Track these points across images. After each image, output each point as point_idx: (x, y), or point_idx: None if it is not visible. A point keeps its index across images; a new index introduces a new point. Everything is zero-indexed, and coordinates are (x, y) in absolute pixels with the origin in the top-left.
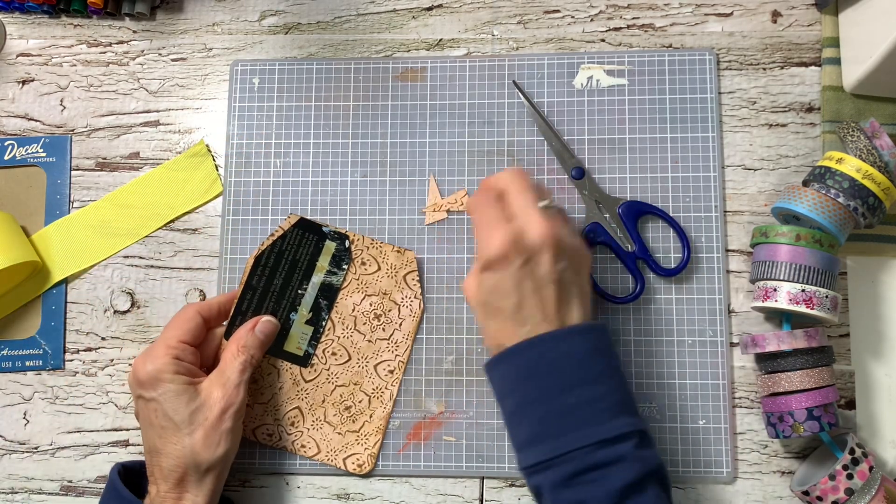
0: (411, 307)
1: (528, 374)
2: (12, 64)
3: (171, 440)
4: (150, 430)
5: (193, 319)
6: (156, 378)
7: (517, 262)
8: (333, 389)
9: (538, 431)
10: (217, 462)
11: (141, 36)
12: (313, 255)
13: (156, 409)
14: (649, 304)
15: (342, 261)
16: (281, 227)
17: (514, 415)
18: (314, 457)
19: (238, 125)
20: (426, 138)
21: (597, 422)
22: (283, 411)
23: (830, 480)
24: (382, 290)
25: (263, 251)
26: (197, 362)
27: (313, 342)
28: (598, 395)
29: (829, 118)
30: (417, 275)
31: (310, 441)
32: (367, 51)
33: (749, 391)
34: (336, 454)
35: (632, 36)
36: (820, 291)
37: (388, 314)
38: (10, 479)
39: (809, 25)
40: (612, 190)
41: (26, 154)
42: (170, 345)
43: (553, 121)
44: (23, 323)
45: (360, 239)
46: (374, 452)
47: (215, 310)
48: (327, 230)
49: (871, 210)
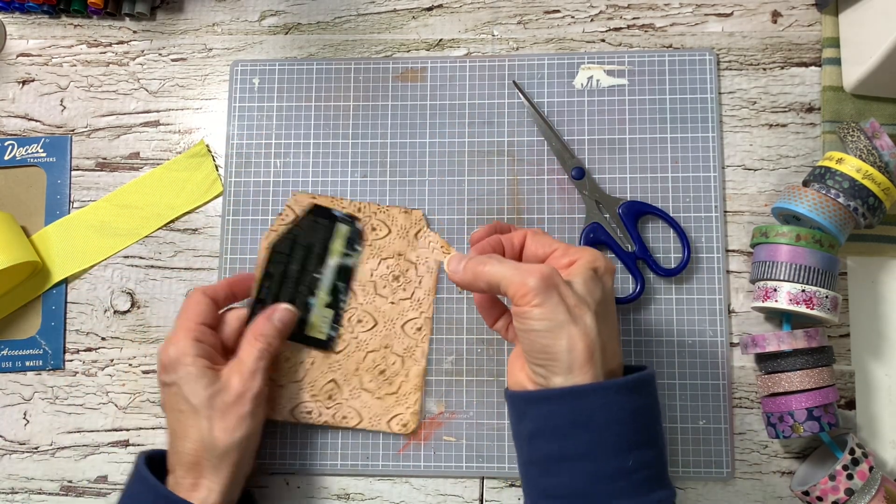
0: (428, 263)
1: (586, 421)
2: (12, 64)
3: (189, 423)
4: (171, 415)
5: (202, 301)
6: (177, 360)
7: (608, 283)
8: (365, 356)
9: (586, 490)
10: (234, 447)
11: (141, 36)
12: (326, 238)
13: (176, 392)
14: (649, 304)
15: (355, 242)
16: (288, 206)
17: (552, 460)
18: (357, 426)
19: (238, 125)
20: (426, 138)
21: (648, 489)
22: (319, 386)
23: (830, 480)
24: (396, 251)
25: (277, 239)
26: (217, 346)
27: (335, 325)
28: (652, 460)
29: (830, 118)
30: (429, 230)
31: (350, 411)
32: (367, 51)
33: (749, 391)
34: (379, 419)
35: (632, 36)
36: (820, 291)
37: (406, 274)
38: (10, 479)
39: (809, 25)
40: (612, 190)
41: (26, 154)
42: (188, 327)
43: (553, 121)
44: (23, 323)
45: (366, 206)
46: (416, 410)
47: (221, 291)
48: (338, 213)
49: (871, 210)
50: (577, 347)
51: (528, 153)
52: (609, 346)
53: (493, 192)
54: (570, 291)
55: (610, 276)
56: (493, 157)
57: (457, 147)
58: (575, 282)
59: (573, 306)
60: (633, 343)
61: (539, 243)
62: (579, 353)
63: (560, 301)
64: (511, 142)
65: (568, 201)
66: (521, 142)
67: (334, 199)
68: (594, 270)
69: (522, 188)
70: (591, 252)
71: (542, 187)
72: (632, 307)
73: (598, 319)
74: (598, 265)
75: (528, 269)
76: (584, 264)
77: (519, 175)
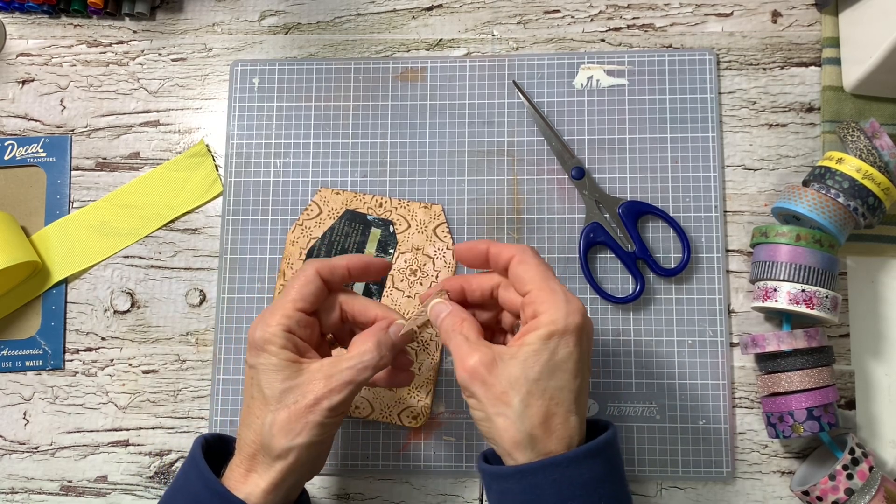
0: (445, 259)
1: (536, 500)
2: (12, 64)
3: (256, 412)
4: (245, 398)
5: (313, 282)
6: (261, 347)
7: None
8: None
9: None
10: (289, 452)
11: (141, 36)
12: (360, 242)
13: (253, 377)
14: (649, 304)
15: (388, 245)
16: (314, 202)
17: None
18: (369, 416)
19: (238, 125)
20: (426, 138)
21: None
22: None
23: (830, 480)
24: (415, 245)
25: (314, 244)
26: (314, 335)
27: None
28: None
29: (829, 118)
30: (447, 226)
31: (362, 401)
32: (367, 51)
33: (749, 391)
34: (390, 410)
35: (632, 36)
36: (820, 291)
37: (423, 268)
38: (10, 479)
39: (809, 25)
40: (612, 190)
41: (26, 154)
42: (286, 313)
43: (553, 121)
44: (23, 323)
45: (388, 201)
46: (427, 404)
47: (338, 272)
48: (371, 217)
49: (871, 210)
50: (505, 437)
51: (528, 153)
52: (558, 417)
53: (493, 192)
54: (496, 380)
55: (573, 336)
56: (493, 157)
57: (457, 147)
58: (514, 360)
59: (499, 395)
60: (633, 343)
61: (518, 279)
62: (508, 442)
63: (485, 392)
64: (511, 142)
65: (568, 201)
66: (521, 142)
67: (358, 194)
68: (549, 336)
69: (522, 188)
70: (558, 309)
71: (542, 187)
72: (632, 307)
73: (533, 398)
74: (557, 328)
75: (464, 356)
76: (542, 327)
77: (519, 175)
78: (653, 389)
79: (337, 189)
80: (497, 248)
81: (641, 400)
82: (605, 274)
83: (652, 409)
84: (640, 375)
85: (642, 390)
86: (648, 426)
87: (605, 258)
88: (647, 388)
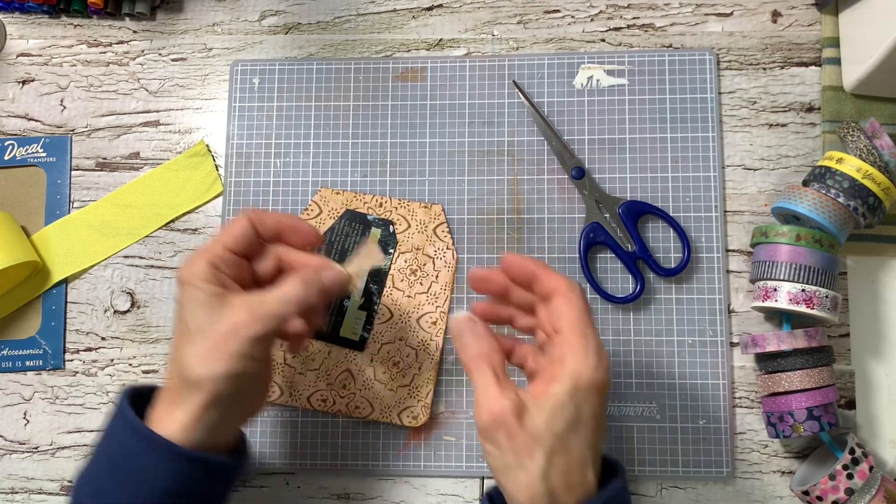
0: (445, 258)
1: None
2: (12, 64)
3: (177, 345)
4: (173, 337)
5: (242, 225)
6: (187, 281)
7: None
8: (380, 348)
9: None
10: (207, 381)
11: (141, 36)
12: (361, 242)
13: (179, 312)
14: (649, 304)
15: (388, 245)
16: (314, 202)
17: None
18: (369, 416)
19: (238, 125)
20: (426, 138)
21: None
22: (334, 375)
23: (830, 480)
24: (415, 245)
25: None
26: (245, 277)
27: (367, 326)
28: None
29: (829, 118)
30: (447, 226)
31: (363, 401)
32: (367, 51)
33: (749, 391)
34: (390, 410)
35: (632, 36)
36: (820, 291)
37: (424, 268)
38: (10, 479)
39: (809, 25)
40: (612, 190)
41: (26, 154)
42: (214, 251)
43: (553, 121)
44: (23, 323)
45: (388, 201)
46: (427, 404)
47: (269, 222)
48: (371, 217)
49: (871, 210)
50: (524, 492)
51: (528, 153)
52: (577, 473)
53: (493, 192)
54: (521, 430)
55: (595, 393)
56: (493, 157)
57: (457, 147)
58: (540, 412)
59: (522, 448)
60: (633, 343)
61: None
62: (525, 497)
63: (509, 442)
64: (511, 142)
65: (568, 201)
66: (521, 142)
67: (358, 194)
68: (574, 390)
69: (522, 188)
70: (587, 362)
71: (542, 187)
72: (632, 307)
73: (557, 455)
74: (582, 382)
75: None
76: (567, 379)
77: (519, 175)
78: (653, 389)
79: (337, 189)
80: (547, 274)
81: (641, 400)
82: (605, 274)
83: (652, 408)
84: (640, 375)
85: (642, 390)
86: (648, 426)
87: (605, 258)
88: (647, 387)
